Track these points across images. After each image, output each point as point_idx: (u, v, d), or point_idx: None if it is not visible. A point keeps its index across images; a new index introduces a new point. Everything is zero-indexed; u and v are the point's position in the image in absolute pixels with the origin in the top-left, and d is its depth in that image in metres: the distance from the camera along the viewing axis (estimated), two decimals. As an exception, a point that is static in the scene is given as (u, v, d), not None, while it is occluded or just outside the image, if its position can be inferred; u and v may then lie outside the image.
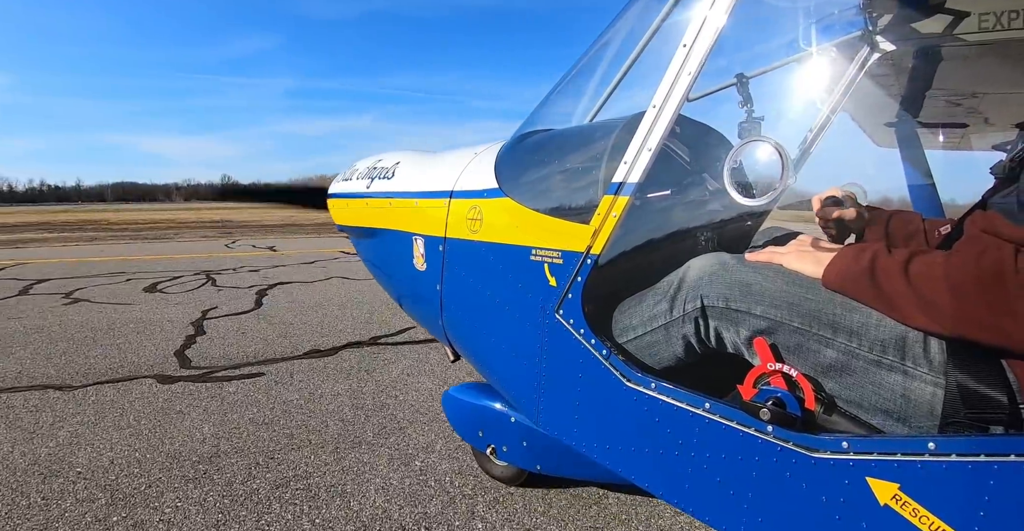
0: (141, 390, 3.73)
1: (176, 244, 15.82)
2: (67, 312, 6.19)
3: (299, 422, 3.19)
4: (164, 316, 5.97)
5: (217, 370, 4.16)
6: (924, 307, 1.09)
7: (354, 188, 2.95)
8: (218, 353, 4.59)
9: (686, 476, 1.38)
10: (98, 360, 4.42)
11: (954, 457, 1.00)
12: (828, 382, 1.26)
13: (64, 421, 3.23)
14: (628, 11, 1.92)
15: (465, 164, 2.18)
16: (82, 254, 12.82)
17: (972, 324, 1.04)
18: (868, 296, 1.18)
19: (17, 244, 16.22)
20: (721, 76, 2.14)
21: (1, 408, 3.43)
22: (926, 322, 1.10)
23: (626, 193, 1.44)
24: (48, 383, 3.88)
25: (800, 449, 1.17)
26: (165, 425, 3.16)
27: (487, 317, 1.97)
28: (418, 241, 2.32)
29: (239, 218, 31.77)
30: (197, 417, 3.27)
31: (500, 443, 2.29)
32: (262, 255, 12.30)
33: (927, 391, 1.14)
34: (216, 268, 9.84)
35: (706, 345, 1.44)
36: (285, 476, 2.59)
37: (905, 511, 1.05)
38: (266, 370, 4.12)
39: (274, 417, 3.26)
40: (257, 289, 7.60)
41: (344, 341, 4.92)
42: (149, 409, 3.39)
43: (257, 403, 3.47)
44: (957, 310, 1.05)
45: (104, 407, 3.43)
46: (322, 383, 3.85)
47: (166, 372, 4.12)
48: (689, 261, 1.48)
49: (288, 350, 4.66)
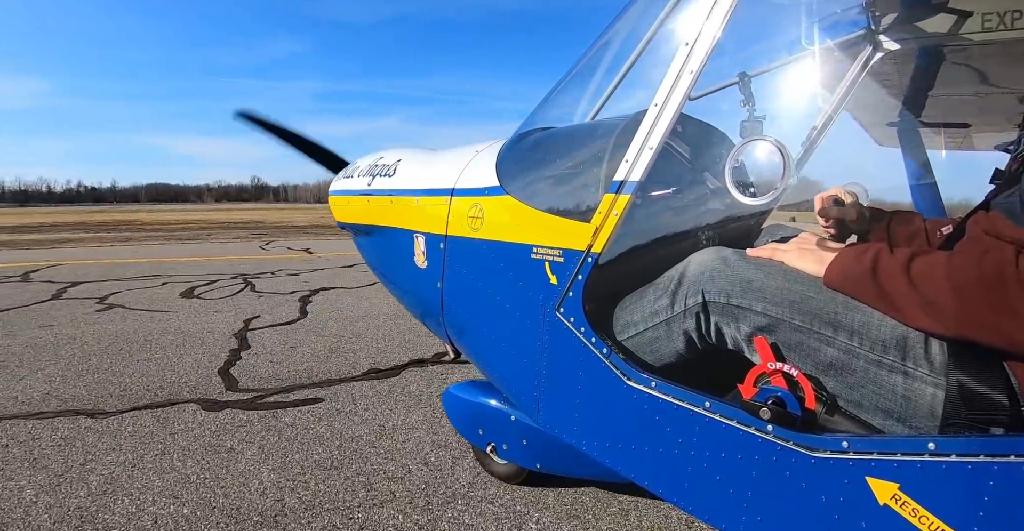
0: (184, 419, 3.21)
1: (210, 245, 15.60)
2: (101, 320, 5.81)
3: (375, 465, 2.66)
4: (204, 326, 5.52)
5: (268, 393, 3.63)
6: (926, 307, 1.09)
7: (355, 186, 2.95)
8: (267, 372, 4.09)
9: (686, 475, 1.38)
10: (134, 379, 3.93)
11: (954, 457, 1.00)
12: (828, 381, 1.26)
13: (97, 461, 2.72)
14: (630, 10, 1.92)
15: (466, 162, 2.18)
16: (117, 255, 12.65)
17: (973, 325, 1.04)
18: (870, 296, 1.18)
19: (54, 244, 16.13)
20: (723, 75, 2.14)
21: (26, 440, 2.96)
22: (928, 323, 1.10)
23: (627, 192, 1.44)
24: (79, 408, 3.39)
25: (800, 448, 1.17)
26: (216, 468, 2.64)
27: (488, 315, 1.97)
28: (419, 239, 2.32)
29: (271, 219, 31.88)
30: (253, 457, 2.75)
31: (500, 441, 2.29)
32: (298, 257, 12.02)
33: (928, 392, 1.14)
34: (253, 271, 9.47)
35: (707, 341, 1.44)
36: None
37: (904, 511, 1.05)
38: (324, 394, 3.61)
39: (343, 458, 2.73)
40: (299, 295, 7.16)
41: (405, 358, 4.40)
42: (196, 445, 2.88)
43: (320, 439, 2.95)
44: (958, 311, 1.04)
45: (143, 442, 2.92)
46: (391, 412, 3.31)
47: (211, 395, 3.60)
48: (690, 256, 1.48)
49: (344, 369, 4.14)
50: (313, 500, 2.38)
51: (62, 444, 2.90)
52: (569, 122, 2.16)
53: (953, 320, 1.06)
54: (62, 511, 2.31)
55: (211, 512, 2.30)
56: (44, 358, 4.46)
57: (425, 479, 2.54)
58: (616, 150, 1.56)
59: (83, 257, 12.15)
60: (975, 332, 1.05)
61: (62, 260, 11.42)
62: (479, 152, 2.20)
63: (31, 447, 2.87)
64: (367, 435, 3.00)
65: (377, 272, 3.09)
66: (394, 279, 2.83)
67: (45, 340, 5.01)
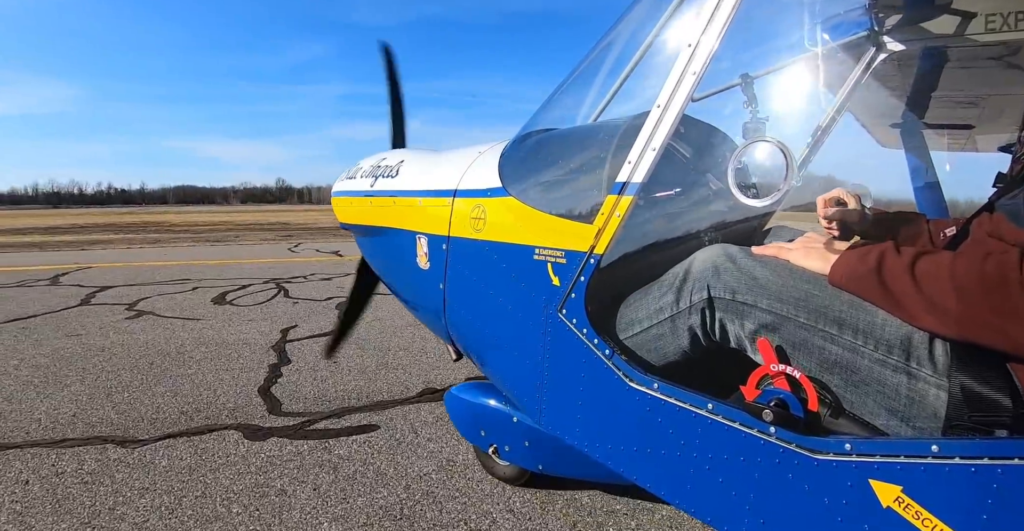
0: (225, 450, 2.88)
1: (238, 247, 15.45)
2: (131, 328, 5.57)
3: (454, 514, 2.28)
4: (239, 336, 5.23)
5: (316, 418, 3.29)
6: (930, 308, 1.09)
7: (358, 186, 2.95)
8: (312, 391, 3.74)
9: (688, 477, 1.38)
10: (168, 399, 3.61)
11: (958, 460, 0.99)
12: (832, 380, 1.26)
13: (129, 504, 2.37)
14: (632, 11, 1.92)
15: (469, 163, 2.18)
16: (146, 257, 12.62)
17: (976, 326, 1.04)
18: (875, 295, 1.18)
19: (83, 246, 16.14)
20: (726, 76, 2.14)
21: (48, 475, 2.63)
22: (932, 323, 1.10)
23: (630, 193, 1.44)
24: (108, 434, 3.07)
25: (803, 450, 1.17)
26: (267, 516, 2.28)
27: (490, 316, 1.97)
28: (422, 240, 2.32)
29: (297, 220, 32.09)
30: (308, 501, 2.38)
31: (502, 443, 2.29)
32: (329, 261, 11.74)
33: (931, 393, 1.14)
34: (285, 276, 9.18)
35: (711, 338, 1.44)
36: None
37: (908, 514, 1.04)
38: (378, 420, 3.25)
39: (415, 505, 2.35)
40: (335, 302, 6.87)
41: (460, 375, 4.02)
42: (241, 485, 2.52)
43: (383, 478, 2.58)
44: (962, 312, 1.04)
45: (180, 479, 2.59)
46: (458, 442, 2.93)
47: (253, 420, 3.26)
48: (695, 253, 1.48)
49: (397, 389, 3.78)
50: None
51: (89, 481, 2.57)
52: (572, 123, 2.16)
53: (956, 321, 1.06)
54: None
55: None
56: (71, 373, 4.18)
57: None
58: (619, 151, 1.56)
59: (113, 259, 12.13)
60: (978, 333, 1.05)
61: (92, 262, 11.39)
62: (482, 153, 2.19)
63: (54, 485, 2.54)
64: (435, 473, 2.63)
65: (379, 273, 3.09)
66: (396, 280, 2.83)
67: (72, 351, 4.77)
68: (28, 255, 13.79)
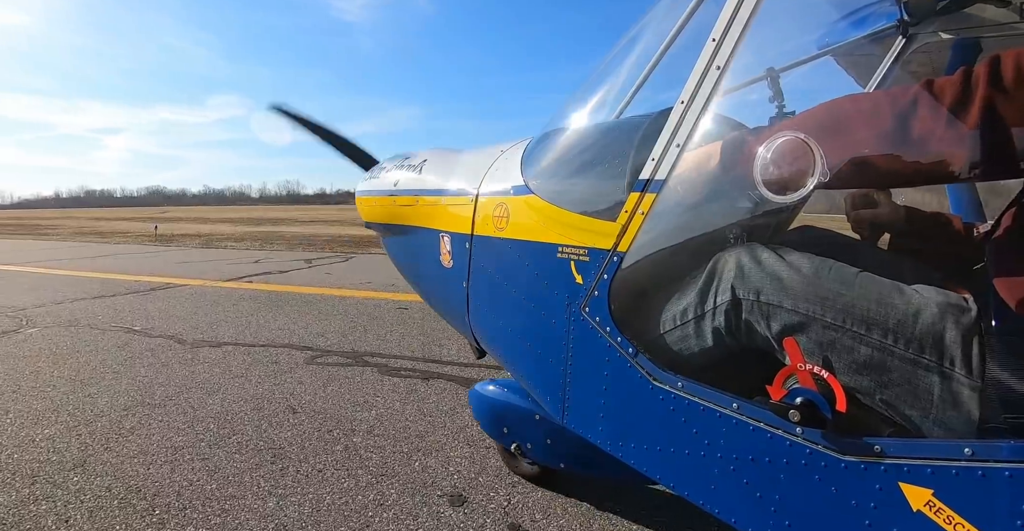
0: None
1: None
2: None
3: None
4: None
5: None
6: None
7: (381, 186, 2.98)
8: None
9: (713, 477, 1.37)
10: None
11: (992, 463, 0.97)
12: (861, 381, 1.23)
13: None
14: (656, 6, 1.90)
15: (491, 162, 2.19)
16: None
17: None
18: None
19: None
20: (751, 70, 2.11)
21: None
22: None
23: (653, 190, 1.42)
24: None
25: (830, 451, 1.15)
26: None
27: (513, 314, 1.97)
28: (445, 238, 2.33)
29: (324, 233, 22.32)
30: None
31: (525, 440, 2.29)
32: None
33: (965, 394, 1.11)
34: None
35: (737, 339, 1.42)
36: None
37: (939, 518, 1.02)
38: None
39: None
40: None
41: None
42: None
43: None
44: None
45: None
46: None
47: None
48: (719, 254, 1.46)
49: None
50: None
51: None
52: (595, 120, 2.15)
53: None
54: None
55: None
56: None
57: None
58: (642, 148, 1.54)
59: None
60: None
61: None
62: (504, 151, 2.20)
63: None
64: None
65: (403, 272, 3.11)
66: (420, 278, 2.84)
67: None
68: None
